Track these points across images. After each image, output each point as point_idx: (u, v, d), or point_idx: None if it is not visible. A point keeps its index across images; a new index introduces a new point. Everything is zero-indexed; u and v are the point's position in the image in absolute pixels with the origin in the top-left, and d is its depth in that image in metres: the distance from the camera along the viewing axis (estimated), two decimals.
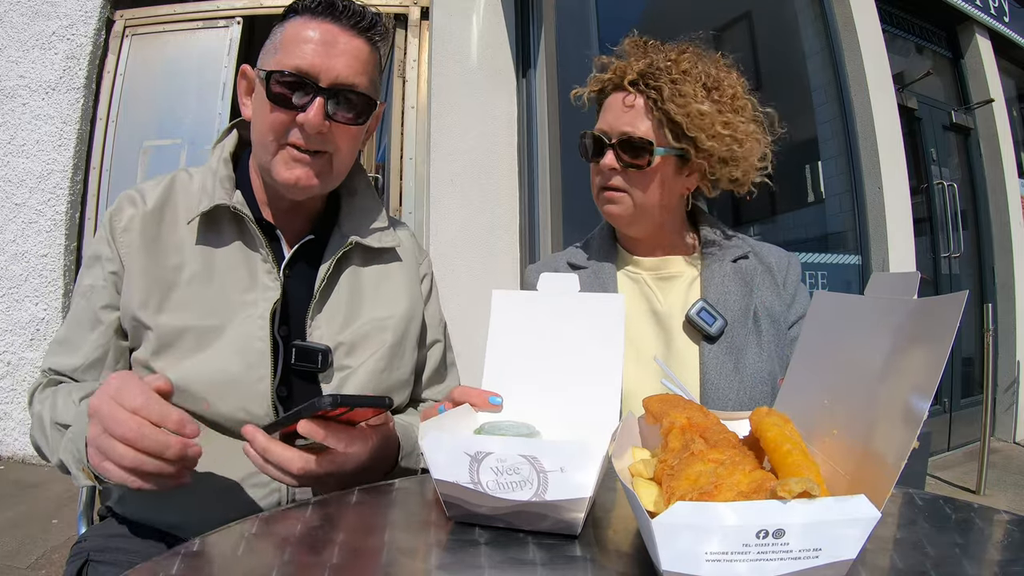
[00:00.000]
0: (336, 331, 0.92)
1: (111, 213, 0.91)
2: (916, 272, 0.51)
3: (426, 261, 1.11)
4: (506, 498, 0.54)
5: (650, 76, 1.00)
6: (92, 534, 0.91)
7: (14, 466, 3.08)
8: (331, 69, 0.85)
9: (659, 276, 1.10)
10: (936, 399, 4.08)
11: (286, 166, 0.87)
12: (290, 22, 0.88)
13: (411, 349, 0.99)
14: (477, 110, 3.13)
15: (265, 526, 0.57)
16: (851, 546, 0.41)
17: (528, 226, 3.10)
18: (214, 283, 0.88)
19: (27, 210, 3.21)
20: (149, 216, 0.89)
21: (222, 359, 0.85)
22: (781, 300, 1.07)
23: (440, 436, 0.56)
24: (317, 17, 0.86)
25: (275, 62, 0.86)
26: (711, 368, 1.00)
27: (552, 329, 0.76)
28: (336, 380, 0.91)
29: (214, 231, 0.90)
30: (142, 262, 0.87)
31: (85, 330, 0.89)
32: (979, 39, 4.76)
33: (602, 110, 1.07)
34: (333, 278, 0.94)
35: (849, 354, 0.55)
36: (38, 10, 3.29)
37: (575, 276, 0.78)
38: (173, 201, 0.92)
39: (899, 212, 3.75)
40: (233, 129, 1.00)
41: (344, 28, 0.87)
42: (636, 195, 1.03)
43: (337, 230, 0.97)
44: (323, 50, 0.85)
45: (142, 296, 0.85)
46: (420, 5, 3.34)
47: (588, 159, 1.08)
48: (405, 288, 1.02)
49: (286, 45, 0.86)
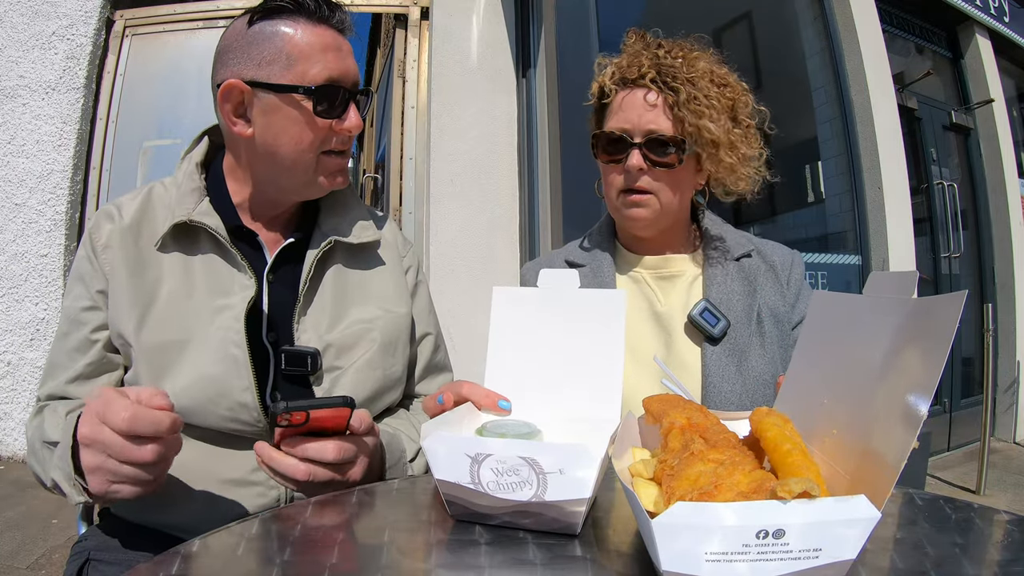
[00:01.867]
0: (323, 332, 0.91)
1: (90, 231, 0.90)
2: (915, 271, 0.50)
3: (410, 253, 1.09)
4: (506, 498, 0.54)
5: (667, 74, 0.97)
6: (93, 534, 0.91)
7: (14, 466, 3.08)
8: (350, 73, 0.88)
9: (660, 275, 1.08)
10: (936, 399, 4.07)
11: (330, 176, 0.91)
12: (284, 26, 0.85)
13: (403, 345, 0.98)
14: (477, 110, 3.13)
15: (265, 526, 0.57)
16: (851, 546, 0.41)
17: (528, 226, 3.10)
18: (193, 296, 0.87)
19: (27, 210, 3.21)
20: (127, 231, 0.89)
21: (201, 368, 0.83)
22: (785, 300, 1.05)
23: (441, 437, 0.56)
24: (321, 23, 0.86)
25: (299, 77, 0.84)
26: (713, 370, 0.98)
27: (553, 325, 0.76)
28: (327, 382, 0.90)
29: (189, 243, 0.90)
30: (124, 278, 0.87)
31: (74, 352, 0.88)
32: (979, 39, 4.77)
33: (615, 108, 1.02)
34: (316, 279, 0.93)
35: (849, 354, 0.55)
36: (38, 10, 3.29)
37: (575, 272, 0.77)
38: (150, 215, 0.91)
39: (899, 212, 3.75)
40: (204, 137, 0.99)
41: (336, 30, 0.89)
42: (663, 196, 1.00)
43: (317, 230, 0.97)
44: (340, 56, 0.87)
45: (126, 313, 0.85)
46: (420, 5, 3.34)
47: (607, 160, 1.03)
48: (391, 283, 1.01)
49: (304, 55, 0.85)
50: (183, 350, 0.84)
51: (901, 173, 3.82)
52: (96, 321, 0.89)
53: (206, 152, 0.97)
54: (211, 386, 0.83)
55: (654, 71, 0.98)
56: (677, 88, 0.96)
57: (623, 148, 1.00)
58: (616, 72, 1.02)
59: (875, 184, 3.74)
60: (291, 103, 0.84)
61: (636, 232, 1.07)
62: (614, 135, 1.00)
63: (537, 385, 0.74)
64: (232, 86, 0.84)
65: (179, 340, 0.84)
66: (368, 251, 1.01)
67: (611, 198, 1.05)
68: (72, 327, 0.89)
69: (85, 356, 0.88)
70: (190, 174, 0.93)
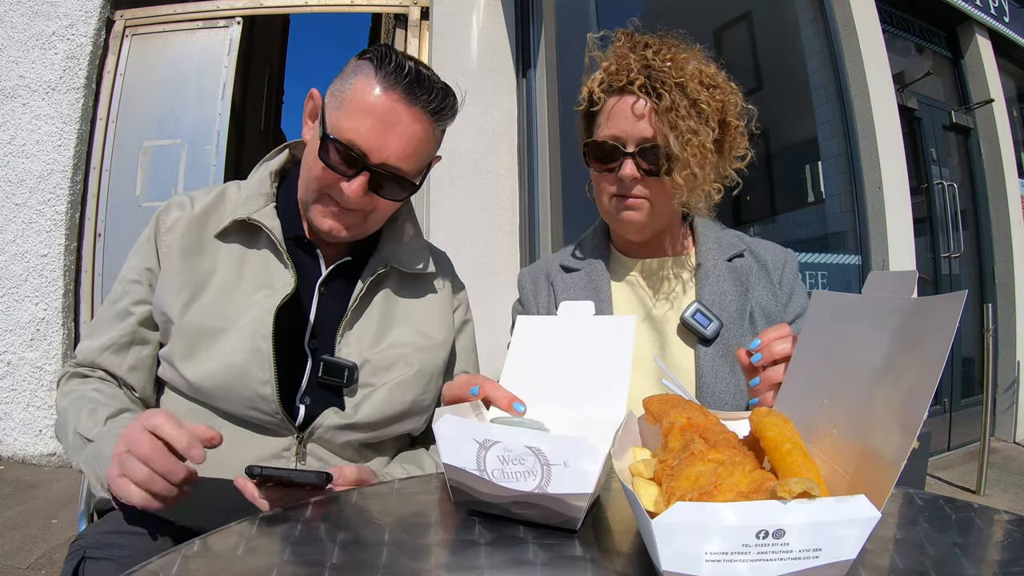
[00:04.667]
0: (364, 348, 0.94)
1: (159, 213, 0.97)
2: (914, 271, 0.50)
3: (462, 292, 1.13)
4: (510, 487, 0.54)
5: (656, 80, 0.95)
6: (89, 531, 0.91)
7: (14, 466, 3.08)
8: (383, 149, 0.86)
9: (653, 278, 1.08)
10: (936, 399, 4.08)
11: (322, 215, 0.92)
12: (364, 76, 0.86)
13: (437, 377, 1.00)
14: (477, 110, 3.13)
15: (265, 526, 0.57)
16: (851, 546, 0.41)
17: (528, 226, 3.10)
18: (239, 288, 0.92)
19: (27, 210, 3.21)
20: (194, 221, 0.94)
21: (229, 356, 0.87)
22: (777, 299, 1.05)
23: (452, 420, 0.57)
24: (390, 89, 0.85)
25: (333, 123, 0.87)
26: (707, 371, 0.98)
27: (566, 347, 0.79)
28: (359, 396, 0.93)
29: (249, 241, 0.95)
30: (178, 263, 0.92)
31: (114, 319, 0.95)
32: (979, 39, 4.77)
33: (605, 116, 1.01)
34: (367, 299, 0.98)
35: (848, 354, 0.55)
36: (38, 10, 3.29)
37: (591, 303, 0.81)
38: (219, 210, 0.97)
39: (899, 212, 3.75)
40: (285, 149, 1.04)
41: (411, 107, 0.86)
42: (657, 202, 1.00)
43: (376, 254, 1.00)
44: (381, 129, 0.85)
45: (173, 294, 0.90)
46: (420, 5, 3.34)
47: (599, 168, 1.02)
48: (438, 316, 1.04)
49: (351, 106, 0.86)
50: (218, 336, 0.89)
51: (901, 173, 3.82)
52: (138, 295, 0.95)
53: (284, 162, 1.03)
54: (233, 374, 0.86)
55: (643, 76, 0.95)
56: (663, 94, 0.94)
57: (615, 157, 0.99)
58: (604, 79, 1.00)
59: (875, 184, 3.74)
60: (318, 136, 0.88)
61: (630, 236, 1.07)
62: (606, 144, 0.99)
63: (546, 395, 0.76)
64: (314, 94, 0.94)
65: (217, 328, 0.89)
66: (421, 282, 1.05)
67: (604, 203, 1.05)
68: (119, 295, 0.96)
69: (121, 324, 0.94)
70: (262, 180, 0.98)
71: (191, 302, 0.90)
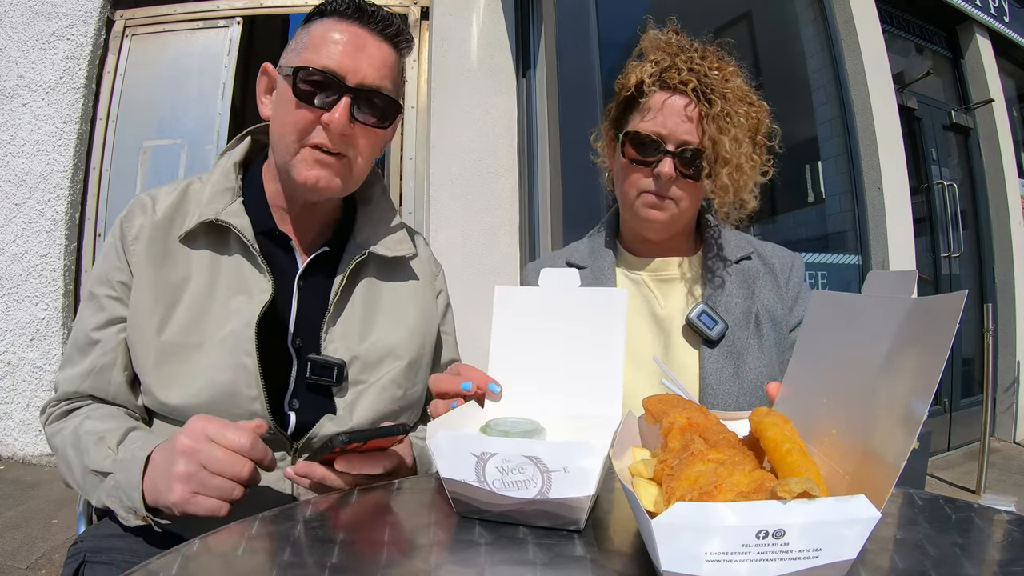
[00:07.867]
0: (352, 344, 0.91)
1: (122, 220, 0.90)
2: (914, 271, 0.50)
3: (441, 275, 1.10)
4: (512, 496, 0.54)
5: (706, 86, 0.95)
6: (89, 535, 0.90)
7: (14, 466, 3.08)
8: (358, 70, 0.85)
9: (660, 277, 1.08)
10: (936, 399, 4.08)
11: (307, 166, 0.86)
12: (317, 23, 0.88)
13: (426, 365, 0.99)
14: (477, 110, 3.12)
15: (265, 526, 0.57)
16: (851, 546, 0.41)
17: (528, 226, 3.10)
18: (214, 296, 0.87)
19: (27, 210, 3.21)
20: (158, 226, 0.88)
21: (212, 374, 0.83)
22: (783, 303, 1.05)
23: (447, 436, 0.56)
24: (345, 20, 0.87)
25: (302, 60, 0.85)
26: (711, 373, 0.98)
27: (554, 324, 0.76)
28: (350, 395, 0.90)
29: (219, 242, 0.89)
30: (148, 274, 0.86)
31: (89, 344, 0.88)
32: (979, 39, 4.77)
33: (652, 109, 0.99)
34: (348, 290, 0.93)
35: (848, 353, 0.55)
36: (38, 10, 3.29)
37: (575, 272, 0.77)
38: (183, 211, 0.91)
39: (899, 212, 3.75)
40: (247, 136, 0.99)
41: (372, 32, 0.88)
42: (683, 204, 1.00)
43: (352, 240, 0.96)
44: (351, 51, 0.85)
45: (149, 310, 0.85)
46: (420, 5, 3.34)
47: (635, 160, 1.00)
48: (421, 302, 1.01)
49: (314, 45, 0.86)
50: (197, 353, 0.84)
51: (901, 173, 3.82)
52: (114, 311, 0.88)
53: (247, 152, 0.97)
54: (220, 392, 0.83)
55: (695, 80, 0.96)
56: (713, 100, 0.95)
57: (654, 152, 0.98)
58: (657, 72, 0.99)
59: (875, 184, 3.74)
60: (286, 84, 0.85)
61: (648, 234, 1.06)
62: (649, 138, 0.98)
63: (539, 382, 0.75)
64: (265, 68, 0.92)
65: (195, 343, 0.84)
66: (401, 266, 1.01)
67: (629, 196, 1.04)
68: (90, 307, 0.89)
69: (99, 347, 0.88)
70: (226, 173, 0.93)
71: (167, 317, 0.85)
